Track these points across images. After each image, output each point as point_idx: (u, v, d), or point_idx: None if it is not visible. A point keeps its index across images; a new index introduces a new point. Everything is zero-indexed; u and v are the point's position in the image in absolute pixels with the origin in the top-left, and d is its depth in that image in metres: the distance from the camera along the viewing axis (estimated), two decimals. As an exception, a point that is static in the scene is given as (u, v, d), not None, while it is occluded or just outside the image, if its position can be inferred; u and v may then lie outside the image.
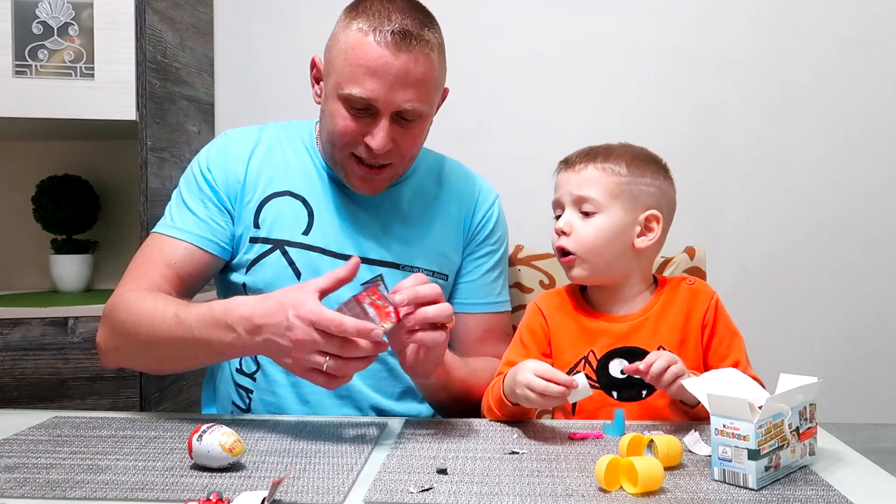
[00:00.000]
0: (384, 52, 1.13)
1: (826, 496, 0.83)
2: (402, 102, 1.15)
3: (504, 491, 0.84)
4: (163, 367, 1.31)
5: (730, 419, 0.85)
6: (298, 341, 0.98)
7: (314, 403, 1.24)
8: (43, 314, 1.69)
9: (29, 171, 2.06)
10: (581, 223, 1.20)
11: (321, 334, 0.96)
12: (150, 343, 1.14)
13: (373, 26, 1.14)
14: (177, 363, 1.19)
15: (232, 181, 1.27)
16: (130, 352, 1.19)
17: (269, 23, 2.22)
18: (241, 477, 0.88)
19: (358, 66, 1.14)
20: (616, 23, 2.19)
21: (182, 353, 1.13)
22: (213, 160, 1.28)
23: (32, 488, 0.85)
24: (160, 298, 1.16)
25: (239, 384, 1.28)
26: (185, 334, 1.09)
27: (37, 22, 1.75)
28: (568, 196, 1.21)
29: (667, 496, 0.83)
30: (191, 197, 1.27)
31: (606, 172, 1.20)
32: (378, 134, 1.16)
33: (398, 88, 1.14)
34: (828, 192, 2.18)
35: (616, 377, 1.17)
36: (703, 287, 1.24)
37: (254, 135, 1.31)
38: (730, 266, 2.15)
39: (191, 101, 2.06)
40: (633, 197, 1.20)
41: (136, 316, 1.14)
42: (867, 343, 2.17)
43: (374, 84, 1.13)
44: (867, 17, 2.16)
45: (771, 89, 2.17)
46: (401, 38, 1.13)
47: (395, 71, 1.13)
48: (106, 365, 1.25)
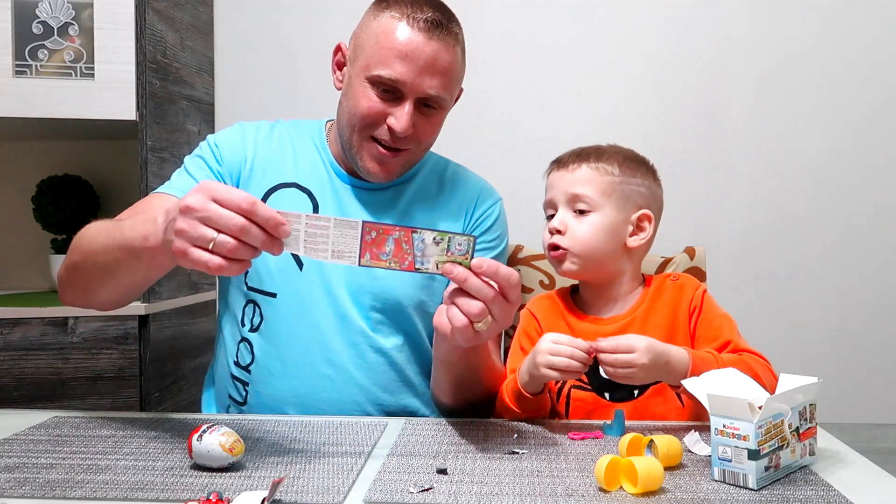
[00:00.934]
0: (416, 37, 1.17)
1: (826, 496, 0.83)
2: (428, 88, 1.19)
3: (504, 491, 0.83)
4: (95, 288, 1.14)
5: (730, 419, 0.85)
6: (186, 208, 0.87)
7: (310, 395, 1.24)
8: (43, 314, 1.69)
9: (29, 171, 2.06)
10: (575, 221, 1.20)
11: (219, 208, 0.86)
12: (86, 254, 1.10)
13: (406, 13, 1.18)
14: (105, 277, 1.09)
15: (238, 162, 1.29)
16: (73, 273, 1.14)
17: (269, 23, 2.22)
18: (241, 477, 0.88)
19: (390, 48, 1.18)
20: (617, 23, 2.19)
21: (107, 258, 1.05)
22: (222, 140, 1.32)
23: (32, 488, 0.85)
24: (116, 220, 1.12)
25: (235, 377, 1.29)
26: (114, 233, 1.03)
27: (37, 22, 1.75)
28: (561, 195, 1.22)
29: (667, 496, 0.82)
30: (193, 166, 1.29)
31: (599, 172, 1.21)
32: (402, 116, 1.19)
33: (426, 74, 1.18)
34: (828, 192, 2.18)
35: (607, 378, 1.18)
36: (689, 280, 1.25)
37: (266, 127, 1.35)
38: (730, 266, 2.15)
39: (191, 101, 2.06)
40: (626, 196, 1.21)
41: (88, 233, 1.12)
42: (867, 343, 2.18)
43: (404, 67, 1.17)
44: (867, 16, 2.16)
45: (772, 89, 2.17)
46: (433, 25, 1.18)
47: (426, 56, 1.17)
48: (62, 301, 1.21)
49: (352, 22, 1.29)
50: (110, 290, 1.14)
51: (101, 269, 1.08)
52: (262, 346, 1.27)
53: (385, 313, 1.27)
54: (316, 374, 1.25)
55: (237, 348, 1.29)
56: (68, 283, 1.18)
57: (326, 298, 1.25)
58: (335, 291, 1.25)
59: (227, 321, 1.32)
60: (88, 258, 1.10)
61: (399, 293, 1.28)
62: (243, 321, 1.29)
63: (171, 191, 1.24)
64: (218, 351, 1.35)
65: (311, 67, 2.16)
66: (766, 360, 1.13)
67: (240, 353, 1.29)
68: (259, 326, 1.27)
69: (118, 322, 1.70)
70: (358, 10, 1.28)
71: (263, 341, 1.27)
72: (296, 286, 1.25)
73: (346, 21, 2.13)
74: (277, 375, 1.26)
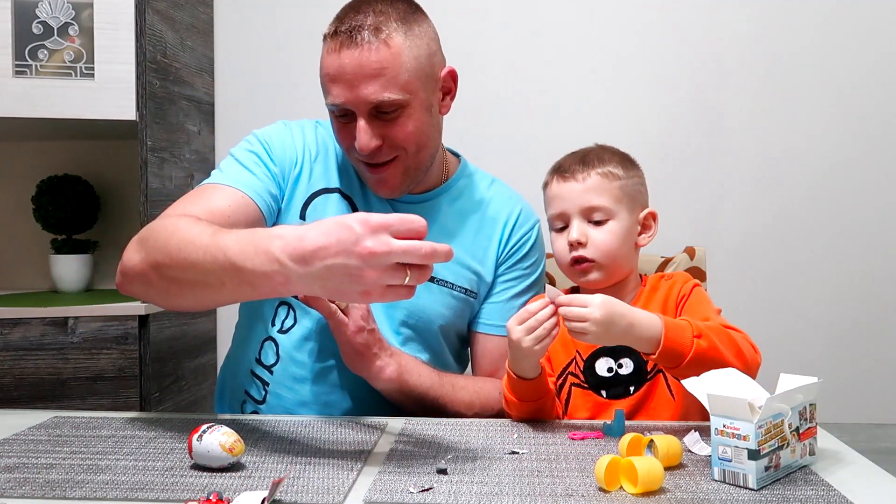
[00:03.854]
0: (334, 55, 1.15)
1: (826, 496, 0.83)
2: (368, 96, 1.14)
3: (504, 491, 0.83)
4: (183, 296, 1.05)
5: (730, 419, 0.85)
6: (372, 254, 0.83)
7: (331, 405, 1.24)
8: (43, 314, 1.68)
9: (29, 171, 2.06)
10: (595, 231, 1.19)
11: (402, 242, 0.84)
12: (177, 260, 0.99)
13: (328, 36, 1.17)
14: (200, 291, 1.00)
15: (289, 162, 1.26)
16: (155, 273, 1.03)
17: (269, 23, 2.22)
18: (241, 477, 0.88)
19: (324, 76, 1.18)
20: (617, 24, 2.19)
21: (207, 277, 0.96)
22: (272, 138, 1.27)
23: (32, 488, 0.85)
24: (203, 222, 1.03)
25: (257, 375, 1.28)
26: (217, 253, 0.93)
27: (37, 22, 1.75)
28: (575, 207, 1.20)
29: (667, 496, 0.82)
30: (248, 159, 1.23)
31: (609, 178, 1.20)
32: (358, 135, 1.16)
33: (358, 85, 1.14)
34: (828, 192, 2.18)
35: (603, 376, 1.18)
36: (681, 275, 1.26)
37: (310, 127, 1.32)
38: (730, 266, 2.15)
39: (191, 101, 2.06)
40: (632, 197, 1.22)
41: (171, 230, 1.02)
42: (867, 343, 2.17)
43: (338, 89, 1.15)
44: (868, 15, 2.16)
45: (772, 89, 2.17)
46: (346, 37, 1.14)
47: (349, 69, 1.14)
48: (121, 290, 1.12)
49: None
50: (202, 302, 1.08)
51: (197, 285, 0.99)
52: (288, 349, 1.25)
53: (415, 330, 1.26)
54: (340, 383, 1.24)
55: (261, 346, 1.27)
56: (146, 281, 1.06)
57: None
58: None
59: (253, 318, 1.30)
60: (179, 266, 0.99)
61: (430, 311, 1.26)
62: (274, 321, 1.27)
63: (230, 182, 1.19)
64: (237, 346, 1.34)
65: (312, 67, 2.13)
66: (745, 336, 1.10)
67: (263, 351, 1.27)
68: (290, 329, 1.26)
69: (118, 322, 1.70)
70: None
71: (291, 345, 1.25)
72: None
73: (346, 21, 2.14)
74: (301, 381, 1.25)
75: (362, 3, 1.18)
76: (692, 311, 1.17)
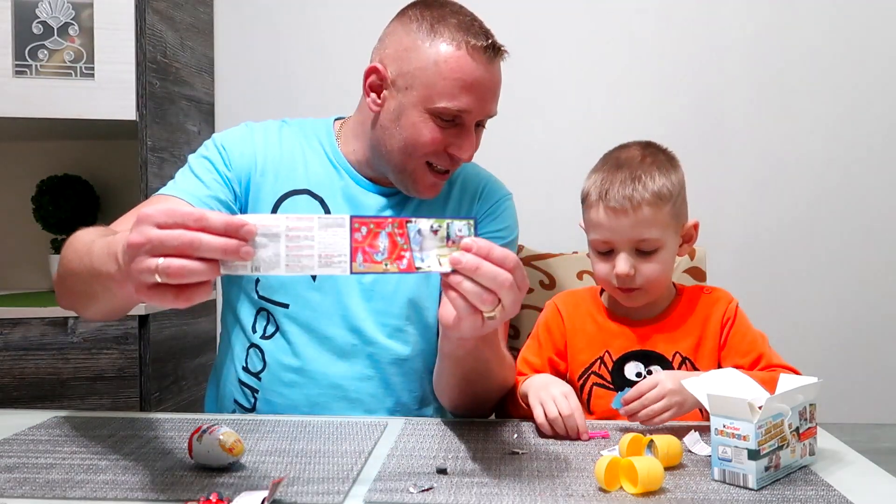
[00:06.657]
0: (480, 68, 1.16)
1: (826, 496, 0.83)
2: (489, 112, 1.20)
3: (504, 491, 0.83)
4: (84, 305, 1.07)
5: (730, 419, 0.85)
6: (131, 245, 0.76)
7: (323, 406, 1.23)
8: (43, 314, 1.68)
9: (29, 171, 2.06)
10: (644, 263, 1.17)
11: (161, 231, 0.75)
12: (67, 269, 1.03)
13: (463, 41, 1.15)
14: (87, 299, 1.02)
15: (246, 165, 1.25)
16: (63, 286, 1.08)
17: (269, 23, 2.22)
18: (241, 477, 0.88)
19: (454, 80, 1.15)
20: (618, 25, 2.19)
21: (85, 285, 0.97)
22: (230, 142, 1.26)
23: (32, 488, 0.85)
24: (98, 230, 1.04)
25: (244, 383, 1.27)
26: (88, 263, 0.94)
27: (37, 22, 1.75)
28: (624, 242, 1.16)
29: (667, 496, 0.83)
30: (200, 167, 1.23)
31: (659, 205, 1.15)
32: (468, 145, 1.19)
33: (489, 100, 1.19)
34: (828, 193, 2.18)
35: (631, 379, 1.18)
36: (723, 293, 1.25)
37: (274, 128, 1.30)
38: (730, 266, 2.15)
39: (191, 101, 2.06)
40: (678, 215, 1.20)
41: (69, 241, 1.05)
42: (867, 343, 2.17)
43: (470, 98, 1.16)
44: (868, 13, 2.16)
45: (773, 91, 2.17)
46: (493, 51, 1.17)
47: (489, 85, 1.18)
48: (60, 305, 1.14)
49: (352, 22, 1.28)
50: (95, 310, 1.07)
51: (80, 294, 1.02)
52: (274, 354, 1.25)
53: (402, 319, 1.25)
54: (329, 385, 1.24)
55: (246, 354, 1.27)
56: (61, 292, 1.12)
57: (338, 309, 1.23)
58: (347, 301, 1.23)
59: (235, 326, 1.30)
60: (69, 277, 1.03)
61: (416, 295, 1.25)
62: (254, 328, 1.26)
63: (175, 192, 1.20)
64: (223, 355, 1.33)
65: (311, 67, 2.16)
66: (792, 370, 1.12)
67: (249, 358, 1.27)
68: (273, 335, 1.25)
69: (118, 322, 1.70)
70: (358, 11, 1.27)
71: (276, 349, 1.25)
72: (307, 297, 1.23)
73: (347, 21, 2.14)
74: (290, 384, 1.24)
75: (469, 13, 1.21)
76: (740, 341, 1.18)
